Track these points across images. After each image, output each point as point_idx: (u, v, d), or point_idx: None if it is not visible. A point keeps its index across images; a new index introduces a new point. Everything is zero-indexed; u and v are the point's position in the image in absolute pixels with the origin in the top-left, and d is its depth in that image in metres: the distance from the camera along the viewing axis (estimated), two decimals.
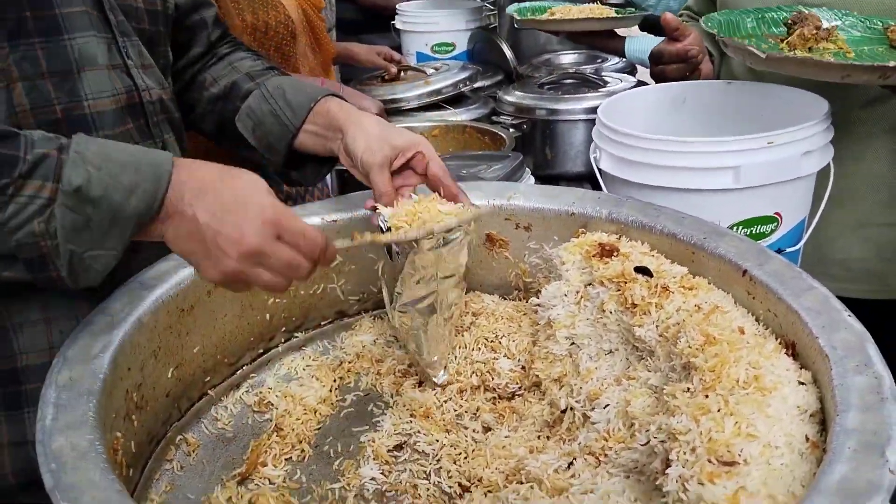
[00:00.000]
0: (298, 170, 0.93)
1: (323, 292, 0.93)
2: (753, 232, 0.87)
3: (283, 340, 0.92)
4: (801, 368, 0.61)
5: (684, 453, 0.53)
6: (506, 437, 0.78)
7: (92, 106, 0.71)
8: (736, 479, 0.49)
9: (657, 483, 0.54)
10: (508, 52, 2.04)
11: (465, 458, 0.76)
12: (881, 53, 0.87)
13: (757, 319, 0.69)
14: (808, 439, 0.53)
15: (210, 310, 0.80)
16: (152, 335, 0.71)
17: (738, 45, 0.83)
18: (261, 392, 0.87)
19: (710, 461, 0.51)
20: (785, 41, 0.89)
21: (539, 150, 1.60)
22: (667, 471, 0.53)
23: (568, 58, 2.02)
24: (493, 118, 1.63)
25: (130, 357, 0.66)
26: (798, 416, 0.55)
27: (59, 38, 0.69)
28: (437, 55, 2.27)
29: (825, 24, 0.91)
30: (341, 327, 0.97)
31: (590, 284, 0.81)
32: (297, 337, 0.94)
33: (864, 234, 1.09)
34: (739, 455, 0.51)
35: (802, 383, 0.58)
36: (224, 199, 0.61)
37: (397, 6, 2.33)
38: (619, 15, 1.54)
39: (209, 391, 0.84)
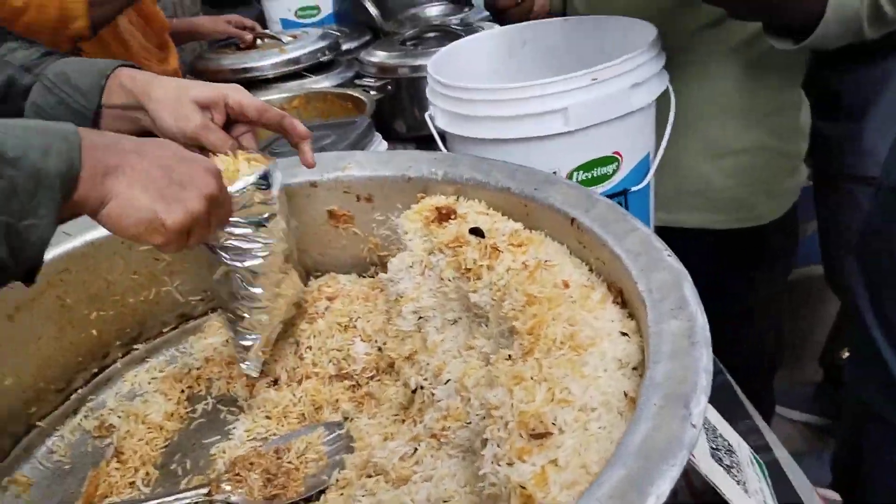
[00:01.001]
0: None
1: (157, 296, 0.86)
2: (594, 175, 0.84)
3: (120, 355, 0.85)
4: (627, 318, 0.59)
5: (498, 430, 0.50)
6: (364, 425, 0.75)
7: None
8: (546, 452, 0.46)
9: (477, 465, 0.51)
10: (373, 10, 1.96)
11: None
12: None
13: (590, 269, 0.67)
14: (626, 395, 0.51)
15: (15, 337, 0.73)
16: None
17: None
18: (101, 415, 0.80)
19: (521, 436, 0.48)
20: None
21: (409, 111, 1.54)
22: (482, 451, 0.50)
23: (434, 9, 1.95)
24: (356, 81, 1.56)
25: None
26: (618, 371, 0.53)
27: None
28: (301, 20, 2.16)
29: None
30: (186, 332, 0.90)
31: (432, 252, 0.77)
32: (136, 349, 0.87)
33: (721, 163, 1.09)
34: (554, 424, 0.48)
35: (625, 333, 0.56)
36: (166, 151, 0.61)
37: None
38: None
39: (38, 423, 0.77)
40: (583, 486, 0.44)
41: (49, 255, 0.76)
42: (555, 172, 0.82)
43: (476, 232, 0.72)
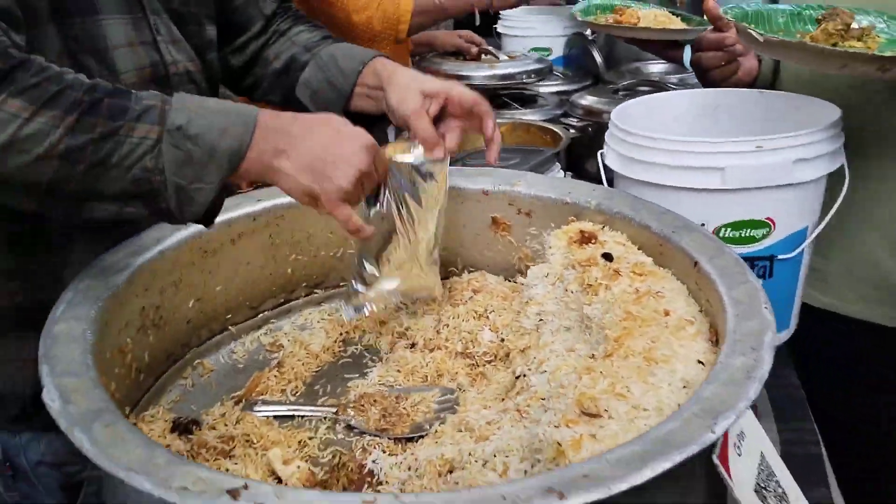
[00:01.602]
0: None
1: (343, 255, 1.04)
2: (743, 235, 0.88)
3: (303, 294, 1.05)
4: (712, 353, 0.64)
5: (560, 403, 0.58)
6: (472, 397, 0.86)
7: (125, 79, 0.85)
8: (590, 427, 0.55)
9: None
10: (598, 58, 2.07)
11: None
12: None
13: (700, 310, 0.72)
14: (678, 407, 0.57)
15: (233, 256, 0.94)
16: (174, 267, 0.85)
17: (741, 27, 0.85)
18: (276, 335, 1.00)
19: (575, 411, 0.56)
20: (810, 35, 0.89)
21: None
22: (542, 417, 0.59)
23: (657, 66, 2.02)
24: (561, 119, 1.68)
25: (149, 280, 0.81)
26: (682, 389, 0.59)
27: (94, 19, 0.82)
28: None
29: (859, 24, 0.91)
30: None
31: (567, 268, 0.87)
32: (316, 293, 1.06)
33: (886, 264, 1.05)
34: (606, 411, 0.56)
35: (701, 362, 0.62)
36: (325, 132, 0.76)
37: (500, 12, 2.42)
38: (678, 27, 1.53)
39: (230, 327, 0.97)
40: None
41: (272, 202, 0.97)
42: (703, 224, 0.88)
43: (607, 257, 0.81)
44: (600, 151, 0.99)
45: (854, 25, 0.88)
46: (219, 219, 0.90)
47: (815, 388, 1.04)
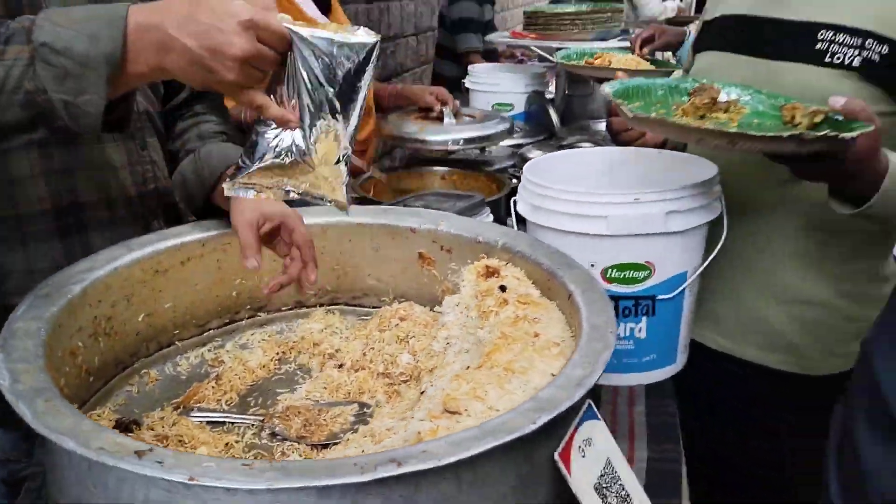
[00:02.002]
0: None
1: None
2: (626, 276, 1.01)
3: (247, 316, 1.16)
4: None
5: (430, 402, 0.70)
6: (385, 411, 0.97)
7: None
8: (449, 422, 0.66)
9: None
10: (554, 116, 2.25)
11: None
12: (769, 127, 0.98)
13: (572, 336, 0.85)
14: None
15: (182, 277, 1.06)
16: (126, 283, 0.97)
17: (616, 104, 0.99)
18: (219, 352, 1.11)
19: (440, 409, 0.68)
20: (681, 108, 1.04)
21: None
22: (414, 415, 0.71)
23: (602, 125, 2.19)
24: (510, 170, 1.83)
25: (103, 293, 0.92)
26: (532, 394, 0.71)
27: None
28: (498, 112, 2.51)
29: (726, 97, 1.05)
30: (298, 315, 1.19)
31: (474, 298, 0.99)
32: (259, 316, 1.17)
33: (783, 308, 1.18)
34: (465, 410, 0.68)
35: (554, 375, 0.74)
36: (199, 22, 0.68)
37: (468, 67, 2.60)
38: (646, 68, 1.70)
39: (177, 342, 1.09)
40: None
41: (221, 231, 1.09)
42: (592, 265, 1.01)
43: (502, 288, 0.94)
44: (513, 199, 1.12)
45: (723, 97, 1.03)
46: (170, 242, 1.04)
47: (697, 419, 1.17)
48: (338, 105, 0.75)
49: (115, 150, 1.05)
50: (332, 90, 0.74)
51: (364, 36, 0.73)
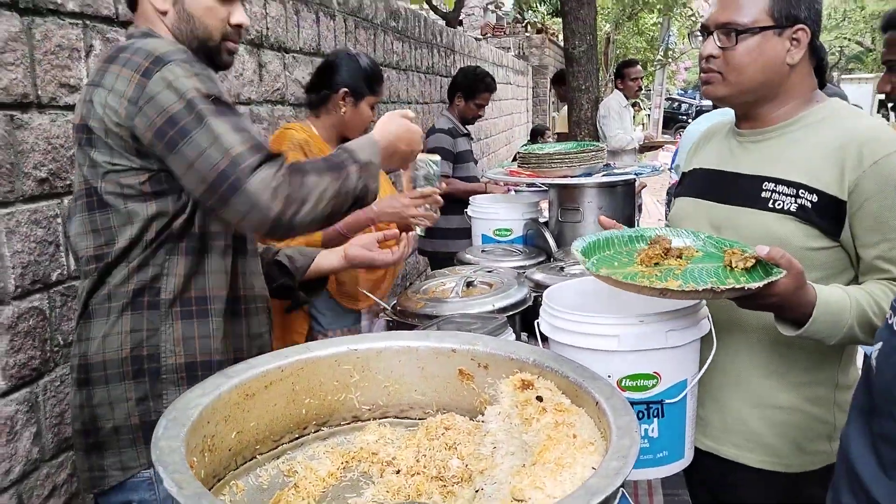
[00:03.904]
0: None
1: (345, 400, 1.36)
2: (638, 384, 1.23)
3: (313, 430, 1.35)
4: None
5: (499, 494, 0.89)
6: None
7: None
8: None
9: None
10: (551, 241, 2.51)
11: None
12: (705, 272, 1.20)
13: (602, 436, 1.05)
14: None
15: (265, 399, 1.25)
16: (226, 406, 1.16)
17: (580, 259, 1.23)
18: (291, 463, 1.28)
19: (508, 498, 0.87)
20: (639, 256, 1.27)
21: None
22: None
23: None
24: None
25: (210, 415, 1.11)
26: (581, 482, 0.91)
27: None
28: (498, 237, 2.78)
29: (680, 244, 1.30)
30: (355, 428, 1.38)
31: (513, 407, 1.19)
32: (322, 430, 1.36)
33: (759, 412, 1.39)
34: (529, 498, 0.87)
35: (594, 468, 0.94)
36: (400, 146, 1.52)
37: (470, 198, 2.90)
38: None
39: (257, 455, 1.26)
40: None
41: (297, 357, 1.30)
42: (609, 376, 1.22)
43: (539, 398, 1.14)
44: (536, 321, 1.35)
45: (679, 243, 1.28)
46: (256, 370, 1.24)
47: None
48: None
49: (255, 261, 1.58)
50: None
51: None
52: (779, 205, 1.32)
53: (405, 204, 2.15)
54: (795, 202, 1.30)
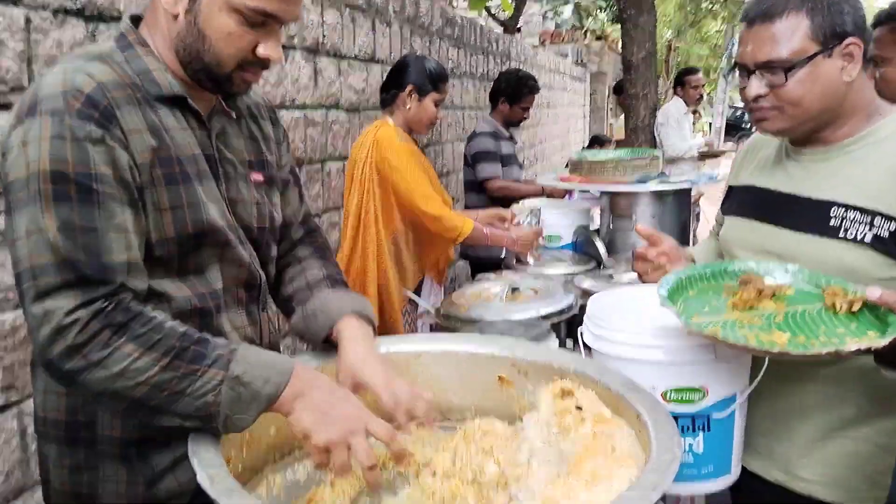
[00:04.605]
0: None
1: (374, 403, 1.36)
2: (683, 398, 1.18)
3: None
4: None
5: (532, 501, 0.87)
6: None
7: (224, 299, 1.18)
8: None
9: None
10: (601, 247, 2.47)
11: None
12: (810, 317, 1.13)
13: (642, 448, 1.02)
14: None
15: None
16: None
17: (672, 310, 1.13)
18: None
19: None
20: (731, 300, 1.19)
21: None
22: None
23: None
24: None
25: None
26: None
27: (213, 268, 1.16)
28: (547, 244, 2.75)
29: (775, 282, 1.21)
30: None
31: (552, 415, 1.17)
32: None
33: (829, 445, 1.29)
34: None
35: (632, 481, 0.91)
36: (336, 394, 1.06)
37: (514, 207, 2.88)
38: None
39: (296, 451, 1.27)
40: None
41: (330, 358, 1.30)
42: (653, 388, 1.18)
43: (579, 408, 1.12)
44: (580, 328, 1.32)
45: (769, 281, 1.21)
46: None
47: None
48: None
49: (237, 315, 1.23)
50: None
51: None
52: (850, 233, 1.22)
53: (533, 240, 2.50)
54: (870, 231, 1.20)
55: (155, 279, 1.07)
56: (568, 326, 1.86)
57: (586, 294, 1.99)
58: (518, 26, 10.18)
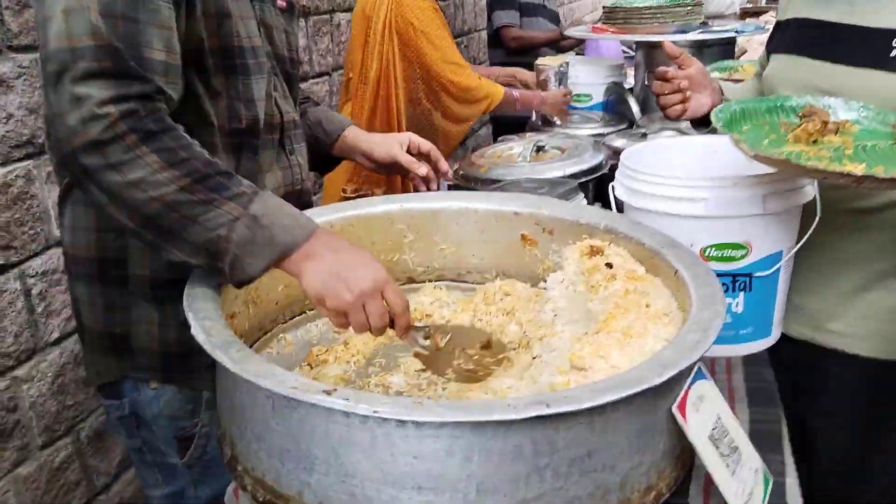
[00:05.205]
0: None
1: (398, 260, 1.27)
2: (724, 255, 1.08)
3: None
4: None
5: (557, 361, 0.80)
6: (500, 376, 1.07)
7: (260, 122, 1.11)
8: (577, 377, 0.76)
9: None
10: (634, 107, 2.30)
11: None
12: (881, 151, 1.01)
13: (679, 307, 0.93)
14: None
15: None
16: None
17: (734, 138, 1.01)
18: None
19: (566, 365, 0.78)
20: (793, 132, 1.07)
21: None
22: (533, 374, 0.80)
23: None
24: None
25: None
26: (650, 355, 0.80)
27: (249, 78, 1.09)
28: (576, 104, 2.57)
29: (838, 117, 1.08)
30: (410, 289, 1.30)
31: (578, 274, 1.08)
32: None
33: (871, 296, 1.23)
34: (590, 367, 0.77)
35: (668, 341, 0.82)
36: (353, 257, 0.93)
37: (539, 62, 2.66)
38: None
39: (307, 311, 1.21)
40: None
41: (346, 213, 1.21)
42: (692, 245, 1.08)
43: (609, 265, 1.02)
44: (611, 184, 1.20)
45: (832, 118, 1.07)
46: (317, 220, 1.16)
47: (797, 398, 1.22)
48: None
49: (267, 155, 1.18)
50: None
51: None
52: None
53: (563, 100, 2.37)
54: None
55: (190, 97, 1.01)
56: (597, 188, 1.73)
57: (617, 153, 1.84)
58: None
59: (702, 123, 1.43)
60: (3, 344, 1.48)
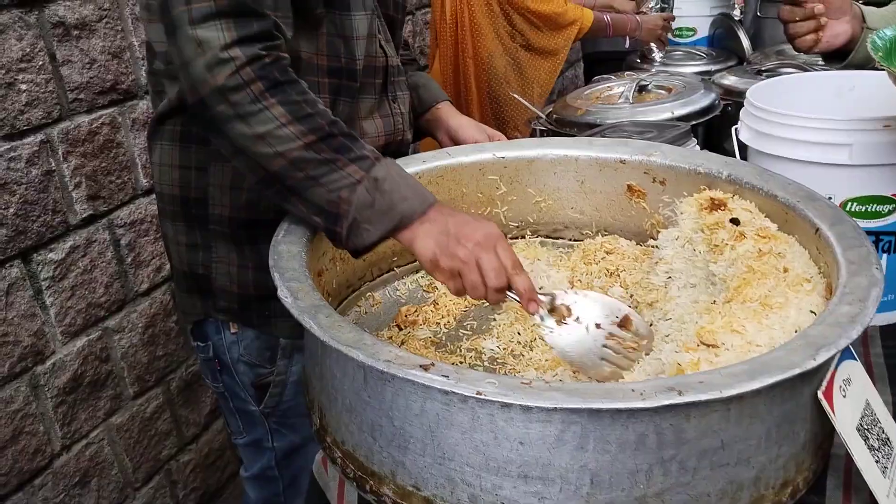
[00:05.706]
0: None
1: (490, 214, 1.18)
2: (868, 210, 0.94)
3: None
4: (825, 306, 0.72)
5: (680, 334, 0.70)
6: None
7: (359, 63, 1.04)
8: (707, 354, 0.66)
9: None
10: (745, 41, 2.09)
11: None
12: None
13: (819, 272, 0.80)
14: None
15: None
16: None
17: (892, 74, 0.86)
18: (432, 279, 1.16)
19: (694, 341, 0.67)
20: None
21: None
22: (665, 349, 0.70)
23: None
24: None
25: None
26: (793, 332, 0.69)
27: (348, 14, 1.02)
28: (678, 39, 2.37)
29: None
30: None
31: (696, 231, 0.96)
32: None
33: None
34: (723, 344, 0.67)
35: (813, 312, 0.71)
36: (466, 217, 0.88)
37: None
38: None
39: (395, 268, 1.15)
40: None
41: (435, 163, 1.13)
42: (830, 198, 0.94)
43: (734, 221, 0.90)
44: (734, 126, 1.06)
45: None
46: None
47: None
48: None
49: (367, 101, 1.13)
50: None
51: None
52: None
53: (662, 25, 2.18)
54: None
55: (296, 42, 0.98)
56: (707, 133, 1.57)
57: (730, 93, 1.67)
58: None
59: (836, 57, 1.25)
60: (94, 294, 1.49)
